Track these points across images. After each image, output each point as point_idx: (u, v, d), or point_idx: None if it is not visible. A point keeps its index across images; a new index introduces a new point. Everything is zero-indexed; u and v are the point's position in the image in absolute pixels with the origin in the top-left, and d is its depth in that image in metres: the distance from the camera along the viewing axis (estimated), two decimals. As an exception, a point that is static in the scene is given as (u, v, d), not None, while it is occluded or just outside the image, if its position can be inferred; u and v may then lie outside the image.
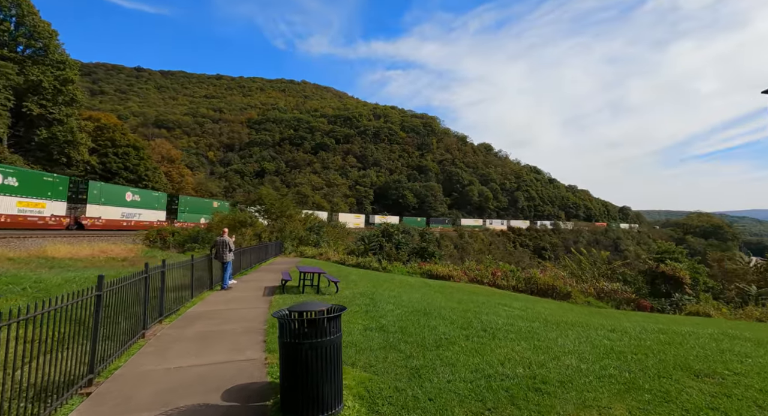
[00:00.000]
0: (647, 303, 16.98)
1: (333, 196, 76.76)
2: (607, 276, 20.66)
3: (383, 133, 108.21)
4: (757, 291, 16.77)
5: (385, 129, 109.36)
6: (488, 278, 19.13)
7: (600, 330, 5.37)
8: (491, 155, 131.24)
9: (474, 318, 6.46)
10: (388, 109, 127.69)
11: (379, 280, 14.52)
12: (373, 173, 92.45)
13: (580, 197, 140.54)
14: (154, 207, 33.73)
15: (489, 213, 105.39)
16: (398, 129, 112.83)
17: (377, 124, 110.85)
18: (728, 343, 4.34)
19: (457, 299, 10.75)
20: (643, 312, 12.51)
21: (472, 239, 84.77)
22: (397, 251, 24.22)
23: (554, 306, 12.31)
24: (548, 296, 17.61)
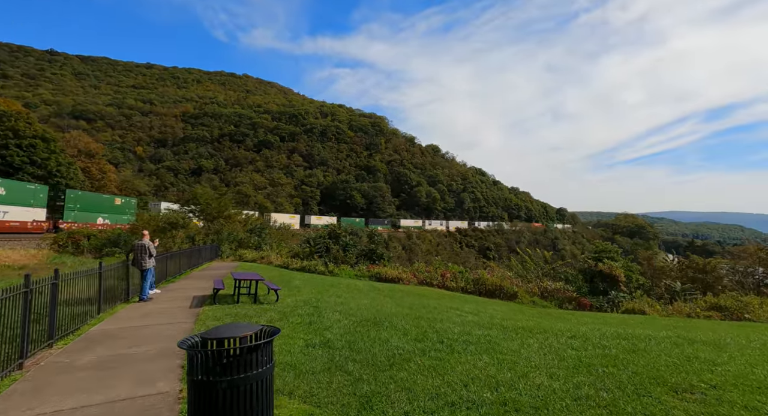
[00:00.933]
0: (587, 302, 17.78)
1: (277, 196, 74.09)
2: (550, 275, 21.45)
3: (331, 131, 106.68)
4: (681, 287, 18.19)
5: (332, 127, 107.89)
6: (437, 280, 19.07)
7: (561, 337, 5.14)
8: (439, 156, 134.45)
9: (428, 327, 6.01)
10: (335, 108, 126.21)
11: (325, 285, 13.78)
12: (320, 173, 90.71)
13: (522, 199, 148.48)
14: (29, 203, 27.14)
15: (436, 214, 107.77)
16: (346, 128, 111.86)
17: (324, 123, 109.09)
18: (689, 348, 4.24)
19: (408, 304, 10.34)
20: (590, 312, 12.94)
21: (420, 240, 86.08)
22: (345, 253, 23.52)
23: (504, 307, 12.35)
24: (496, 296, 17.87)
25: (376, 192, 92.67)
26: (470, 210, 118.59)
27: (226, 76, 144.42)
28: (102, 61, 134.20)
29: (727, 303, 12.00)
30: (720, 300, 12.46)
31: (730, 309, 11.70)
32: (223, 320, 6.56)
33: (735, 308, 11.61)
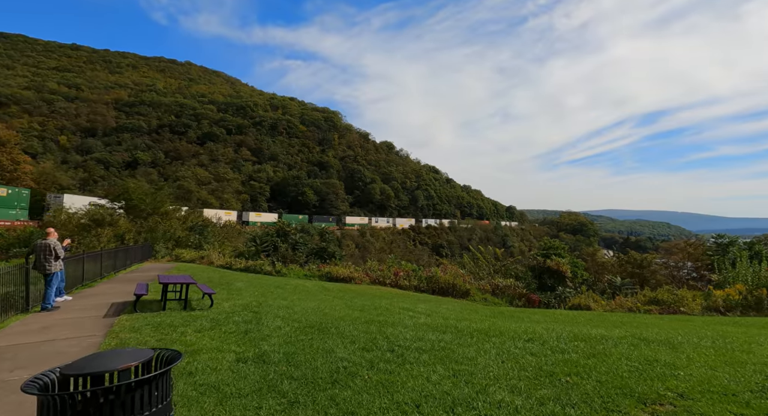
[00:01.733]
0: (536, 298, 18.30)
1: (223, 192, 70.59)
2: (501, 272, 21.88)
3: (281, 125, 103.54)
4: (621, 281, 19.24)
5: (283, 121, 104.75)
6: (390, 279, 18.79)
7: (517, 341, 4.90)
8: (393, 153, 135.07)
9: (378, 333, 5.57)
10: (287, 100, 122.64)
11: (270, 287, 12.97)
12: (270, 168, 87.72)
13: (474, 197, 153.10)
14: None
15: (390, 212, 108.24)
16: (298, 122, 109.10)
17: (275, 116, 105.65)
18: (647, 350, 4.14)
19: (359, 306, 9.87)
20: (540, 310, 13.18)
21: (374, 238, 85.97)
22: (294, 252, 22.62)
23: (457, 306, 12.25)
24: (449, 294, 17.89)
25: (329, 188, 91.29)
26: (424, 208, 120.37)
27: (166, 63, 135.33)
28: (17, 38, 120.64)
29: (664, 297, 12.68)
30: (658, 294, 13.16)
31: (667, 302, 12.36)
32: (141, 331, 5.72)
33: (671, 301, 12.27)
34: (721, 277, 13.65)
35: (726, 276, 13.29)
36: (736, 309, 10.70)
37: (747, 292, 10.85)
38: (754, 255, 15.39)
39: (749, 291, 10.88)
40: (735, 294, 10.82)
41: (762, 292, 10.57)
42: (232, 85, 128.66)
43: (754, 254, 16.10)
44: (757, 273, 11.70)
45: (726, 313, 10.73)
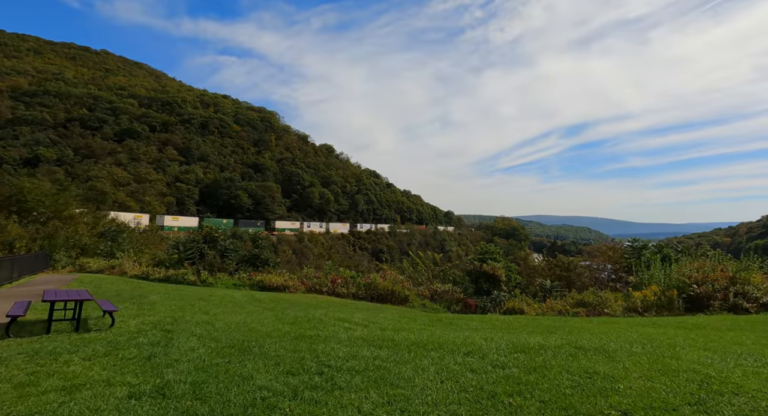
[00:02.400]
0: (473, 302, 18.69)
1: (144, 194, 65.01)
2: (439, 277, 22.14)
3: (213, 124, 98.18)
4: (551, 284, 20.28)
5: (215, 119, 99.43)
6: (327, 286, 18.21)
7: (456, 354, 4.66)
8: (333, 157, 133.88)
9: (308, 351, 5.06)
10: (219, 98, 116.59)
11: (192, 299, 11.81)
12: (200, 169, 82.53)
13: (414, 202, 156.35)
14: None
15: (330, 216, 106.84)
16: (231, 121, 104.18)
17: (206, 114, 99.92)
18: (585, 360, 4.08)
19: (291, 318, 9.22)
20: (477, 315, 13.34)
21: (312, 243, 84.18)
22: (223, 260, 21.11)
23: (396, 314, 12.00)
24: (388, 301, 17.68)
25: (265, 192, 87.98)
26: (364, 213, 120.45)
27: (78, 50, 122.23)
28: None
29: (589, 299, 13.43)
30: (584, 296, 13.93)
31: (592, 304, 13.10)
32: (8, 363, 4.68)
33: (596, 303, 13.02)
34: (637, 279, 14.79)
35: (642, 278, 14.40)
36: (651, 310, 11.56)
37: (660, 293, 11.79)
38: (664, 258, 16.96)
39: (662, 291, 11.82)
40: (651, 296, 11.72)
41: (673, 293, 11.53)
42: (157, 78, 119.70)
43: (663, 257, 17.76)
44: (669, 275, 12.79)
45: (643, 313, 11.56)
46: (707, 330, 7.53)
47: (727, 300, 11.08)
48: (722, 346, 5.36)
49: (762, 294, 11.17)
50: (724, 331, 7.40)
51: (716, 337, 6.47)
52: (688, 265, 13.97)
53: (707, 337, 6.39)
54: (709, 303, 11.11)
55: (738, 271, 12.19)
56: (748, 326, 8.09)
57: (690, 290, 11.51)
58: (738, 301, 11.00)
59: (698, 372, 3.65)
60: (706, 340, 5.97)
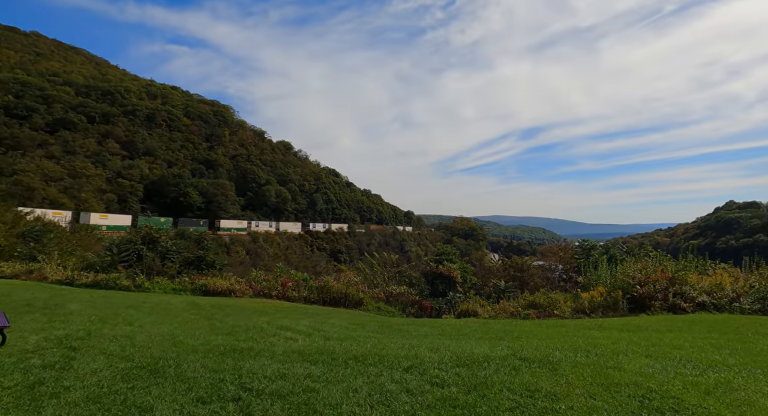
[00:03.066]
0: (428, 304, 18.68)
1: (80, 191, 60.41)
2: (395, 279, 21.99)
3: (161, 116, 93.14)
4: (505, 285, 20.67)
5: (163, 112, 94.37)
6: (277, 290, 17.53)
7: (395, 370, 4.34)
8: (291, 154, 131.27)
9: (231, 371, 4.56)
10: (168, 89, 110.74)
11: (120, 307, 10.80)
12: (145, 164, 77.99)
13: (374, 201, 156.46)
14: None
15: (288, 216, 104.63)
16: (181, 114, 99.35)
17: (152, 105, 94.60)
18: (528, 374, 3.89)
19: (228, 328, 8.58)
20: (430, 320, 13.22)
21: (267, 244, 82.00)
22: (163, 262, 19.77)
23: (346, 319, 11.60)
24: (341, 305, 17.30)
25: (218, 189, 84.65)
26: (323, 212, 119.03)
27: (3, 30, 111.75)
28: None
29: (540, 300, 13.68)
30: (535, 298, 14.18)
31: (543, 306, 13.33)
32: None
33: (547, 305, 13.27)
34: (585, 280, 15.25)
35: (590, 279, 14.86)
36: (598, 310, 11.89)
37: (606, 294, 12.16)
38: (610, 259, 17.69)
39: (608, 292, 12.20)
40: (597, 297, 12.06)
41: (618, 294, 11.93)
42: (98, 65, 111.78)
43: (610, 257, 18.54)
44: (614, 276, 13.25)
45: (591, 314, 11.87)
46: (649, 332, 7.71)
47: (667, 301, 11.59)
48: (663, 351, 5.39)
49: (698, 294, 11.77)
50: (665, 333, 7.60)
51: (657, 340, 6.58)
52: (632, 266, 14.57)
53: (649, 340, 6.48)
54: (651, 304, 11.57)
55: (677, 272, 12.82)
56: (685, 327, 8.38)
57: (633, 291, 11.94)
58: (677, 301, 11.52)
59: (640, 386, 3.55)
60: (648, 344, 6.03)
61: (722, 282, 12.34)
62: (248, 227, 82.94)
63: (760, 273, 13.44)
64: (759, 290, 12.01)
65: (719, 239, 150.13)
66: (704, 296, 11.73)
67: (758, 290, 12.02)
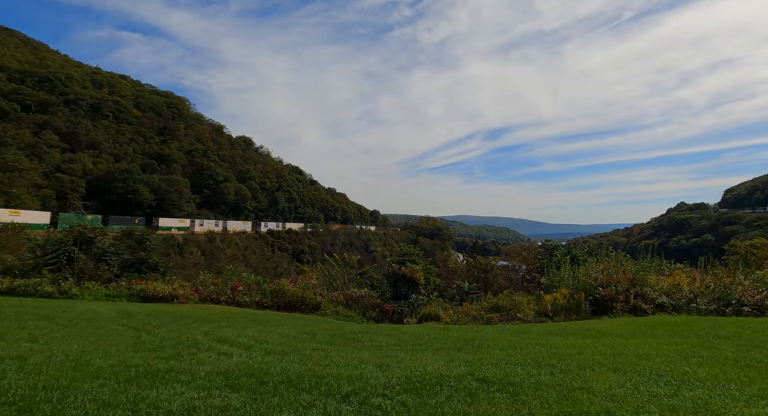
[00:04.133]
0: (390, 307, 18.19)
1: (11, 186, 55.69)
2: (356, 281, 21.37)
3: (107, 107, 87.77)
4: (468, 286, 20.49)
5: (110, 102, 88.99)
6: (227, 294, 16.49)
7: (332, 398, 3.71)
8: (251, 150, 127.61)
9: (126, 407, 3.76)
10: (116, 78, 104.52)
11: (30, 318, 9.53)
12: (88, 158, 73.11)
13: (339, 200, 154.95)
14: None
15: (247, 214, 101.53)
16: (131, 105, 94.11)
17: (98, 95, 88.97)
18: (486, 403, 3.40)
19: (155, 341, 7.64)
20: (389, 325, 12.68)
21: (225, 244, 79.17)
22: (98, 265, 18.15)
23: (298, 327, 10.84)
24: (297, 309, 16.53)
25: (170, 186, 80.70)
26: (285, 211, 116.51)
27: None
28: None
29: (503, 303, 13.45)
30: (498, 300, 13.95)
31: (506, 308, 13.11)
32: None
33: (510, 307, 13.05)
34: (548, 280, 15.20)
35: (553, 280, 14.82)
36: (561, 313, 11.77)
37: (569, 296, 12.06)
38: (573, 259, 17.84)
39: (571, 294, 12.10)
40: (560, 299, 11.94)
41: (580, 296, 11.84)
42: (35, 50, 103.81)
43: (573, 258, 18.72)
44: (577, 277, 13.20)
45: (554, 317, 11.72)
46: (613, 338, 7.48)
47: (628, 302, 11.61)
48: (630, 363, 5.06)
49: (657, 295, 11.87)
50: (628, 338, 7.39)
51: (623, 348, 6.32)
52: (594, 267, 14.63)
53: (614, 349, 6.20)
54: (613, 306, 11.55)
55: (637, 273, 12.93)
56: (648, 331, 8.25)
57: (596, 292, 11.90)
58: (637, 303, 11.57)
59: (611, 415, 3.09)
60: (614, 354, 5.72)
61: (680, 283, 12.54)
62: (191, 226, 78.31)
63: (715, 273, 13.81)
64: (714, 291, 12.28)
65: (671, 239, 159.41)
66: (664, 297, 11.85)
67: (713, 290, 12.29)
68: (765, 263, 25.39)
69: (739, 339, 7.33)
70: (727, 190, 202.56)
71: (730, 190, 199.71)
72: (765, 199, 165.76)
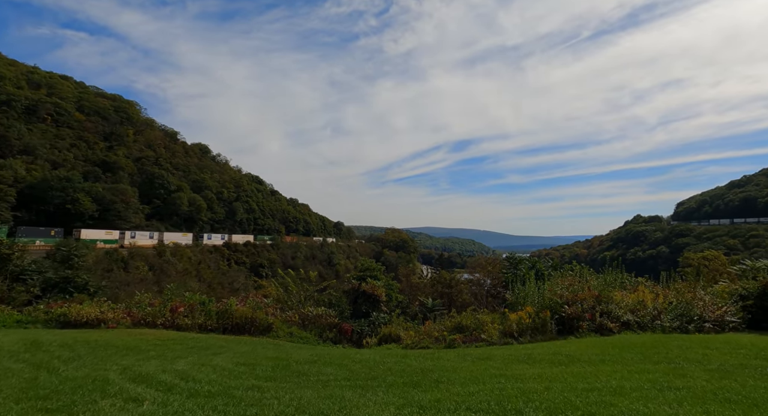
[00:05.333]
0: (348, 327, 17.34)
1: (-74, 194, 50.54)
2: (314, 298, 20.38)
3: (45, 109, 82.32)
4: (432, 303, 19.93)
5: (49, 104, 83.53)
6: (165, 317, 15.11)
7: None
8: (208, 159, 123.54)
9: None
10: (56, 78, 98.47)
11: None
12: (20, 164, 67.82)
13: (301, 211, 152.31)
14: None
15: (201, 226, 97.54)
16: (73, 108, 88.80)
17: (34, 96, 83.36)
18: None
19: (54, 383, 6.47)
20: (342, 351, 11.84)
21: (177, 258, 75.38)
22: (12, 285, 16.23)
23: (238, 356, 9.82)
24: (246, 332, 15.40)
25: (117, 196, 76.18)
26: (243, 222, 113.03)
27: None
28: None
29: (467, 322, 12.95)
30: (462, 318, 13.45)
31: (470, 328, 12.61)
32: None
33: (474, 327, 12.56)
34: (513, 297, 14.86)
35: (518, 296, 14.47)
36: (526, 333, 11.36)
37: (535, 315, 11.69)
38: (538, 274, 17.67)
39: (536, 313, 11.74)
40: (526, 318, 11.55)
41: (546, 314, 11.50)
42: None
43: (537, 273, 18.58)
44: (542, 294, 12.90)
45: (519, 338, 11.30)
46: (582, 365, 7.04)
47: (595, 321, 11.37)
48: (605, 403, 4.56)
49: (623, 312, 11.72)
50: (598, 365, 6.98)
51: (593, 378, 5.86)
52: (559, 282, 14.44)
53: (585, 380, 5.73)
54: (579, 325, 11.27)
55: (602, 289, 12.78)
56: (617, 355, 7.90)
57: (562, 311, 11.60)
58: (603, 321, 11.35)
59: None
60: (586, 389, 5.22)
61: (644, 300, 12.47)
62: (120, 239, 70.20)
63: (677, 288, 13.93)
64: (677, 307, 12.29)
65: (629, 250, 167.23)
66: (629, 315, 11.71)
67: (676, 307, 12.31)
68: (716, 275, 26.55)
69: (710, 363, 7.07)
70: (679, 204, 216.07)
71: (682, 204, 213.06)
72: (713, 212, 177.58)
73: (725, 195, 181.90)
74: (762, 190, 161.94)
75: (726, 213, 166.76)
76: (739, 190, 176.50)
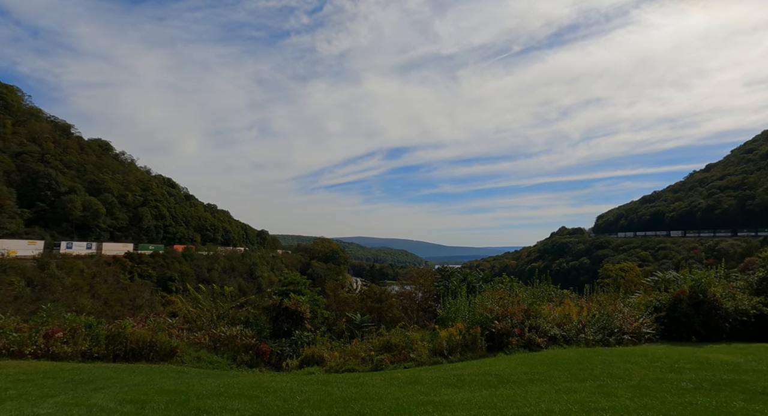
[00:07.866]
0: (267, 348, 16.41)
1: None
2: (229, 316, 19.14)
3: None
4: (361, 319, 19.57)
5: None
6: (36, 344, 13.22)
7: None
8: (109, 157, 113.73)
9: None
10: None
11: None
12: None
13: (220, 218, 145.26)
14: None
15: (99, 234, 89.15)
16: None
17: None
18: None
19: None
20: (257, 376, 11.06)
21: (64, 271, 67.88)
22: None
23: (128, 389, 8.70)
24: (143, 359, 13.95)
25: (-12, 197, 67.25)
26: (151, 230, 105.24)
27: None
28: None
29: (396, 340, 12.79)
30: (391, 336, 13.27)
31: (399, 347, 12.45)
32: None
33: (403, 345, 12.41)
34: (444, 312, 14.99)
35: (449, 310, 14.61)
36: (457, 351, 11.43)
37: (465, 331, 11.80)
38: (469, 287, 18.07)
39: (467, 329, 11.87)
40: (456, 335, 11.62)
41: (477, 330, 11.65)
42: None
43: (469, 285, 19.02)
44: (473, 309, 13.10)
45: (449, 356, 11.32)
46: (512, 386, 7.10)
47: (523, 336, 11.73)
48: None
49: (550, 327, 12.22)
50: (527, 386, 7.08)
51: (523, 403, 5.89)
52: (490, 296, 14.80)
53: (515, 405, 5.73)
54: (508, 341, 11.55)
55: (531, 304, 13.28)
56: (545, 373, 8.11)
57: (492, 326, 11.84)
58: (532, 336, 11.74)
59: None
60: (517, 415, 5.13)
61: (570, 313, 13.14)
62: None
63: (599, 301, 14.90)
64: (599, 319, 13.12)
65: (554, 262, 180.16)
66: (556, 329, 12.25)
67: (599, 319, 13.14)
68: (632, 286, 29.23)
69: (631, 379, 7.48)
70: (599, 216, 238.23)
71: (601, 217, 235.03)
72: (628, 224, 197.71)
73: (638, 209, 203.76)
74: (668, 205, 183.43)
75: (639, 227, 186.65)
76: (650, 205, 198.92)
